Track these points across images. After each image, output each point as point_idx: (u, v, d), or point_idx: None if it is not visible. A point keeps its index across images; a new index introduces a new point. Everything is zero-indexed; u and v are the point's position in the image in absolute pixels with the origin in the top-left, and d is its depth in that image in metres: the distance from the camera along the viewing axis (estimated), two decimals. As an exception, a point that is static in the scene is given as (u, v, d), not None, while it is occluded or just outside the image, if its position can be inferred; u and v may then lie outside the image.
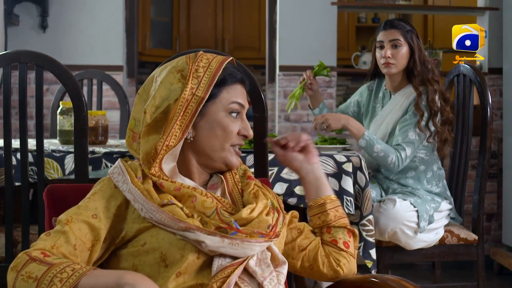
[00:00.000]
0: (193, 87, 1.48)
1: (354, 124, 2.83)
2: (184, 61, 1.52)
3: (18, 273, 1.32)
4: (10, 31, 4.40)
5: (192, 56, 1.53)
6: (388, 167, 2.84)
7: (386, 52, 2.92)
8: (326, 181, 1.73)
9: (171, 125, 1.47)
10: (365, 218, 2.52)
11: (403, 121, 2.88)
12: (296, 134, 1.72)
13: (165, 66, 1.55)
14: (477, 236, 2.91)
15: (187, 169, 1.54)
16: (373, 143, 2.80)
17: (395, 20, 3.00)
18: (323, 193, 1.70)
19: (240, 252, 1.42)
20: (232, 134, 1.53)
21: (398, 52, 2.92)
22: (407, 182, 2.93)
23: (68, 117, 2.77)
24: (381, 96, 3.09)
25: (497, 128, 4.52)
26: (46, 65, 2.33)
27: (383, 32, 2.96)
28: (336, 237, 1.67)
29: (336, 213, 1.69)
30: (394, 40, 2.92)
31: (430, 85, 2.88)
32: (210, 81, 1.49)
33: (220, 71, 1.51)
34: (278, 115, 4.63)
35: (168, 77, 1.50)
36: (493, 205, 4.66)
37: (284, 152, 1.72)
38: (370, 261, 2.53)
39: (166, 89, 1.49)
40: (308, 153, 1.72)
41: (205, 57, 1.53)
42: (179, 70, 1.50)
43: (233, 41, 7.11)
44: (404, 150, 2.82)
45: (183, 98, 1.47)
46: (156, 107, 1.48)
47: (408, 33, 2.93)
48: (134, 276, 1.29)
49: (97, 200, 1.47)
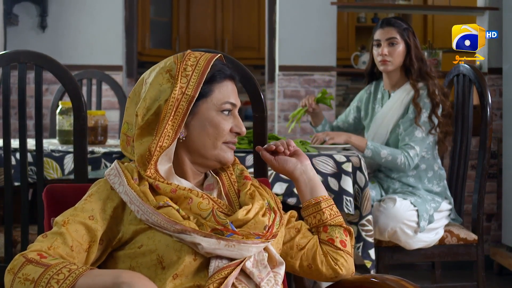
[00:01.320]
0: (183, 86, 1.48)
1: (355, 137, 2.88)
2: (172, 61, 1.52)
3: (15, 275, 1.32)
4: (10, 31, 4.40)
5: (180, 55, 1.53)
6: (399, 168, 2.87)
7: (383, 50, 2.96)
8: (319, 181, 1.73)
9: (163, 126, 1.47)
10: (364, 218, 2.52)
11: (407, 120, 2.90)
12: (283, 141, 1.72)
13: (153, 68, 1.54)
14: (477, 236, 2.91)
15: (181, 169, 1.54)
16: (378, 150, 2.84)
17: (392, 18, 3.04)
18: (317, 192, 1.70)
19: (237, 253, 1.42)
20: (224, 132, 1.53)
21: (395, 49, 2.96)
22: (408, 180, 2.94)
23: (68, 117, 2.77)
24: (379, 97, 3.10)
25: (497, 128, 4.52)
26: (46, 65, 2.33)
27: (380, 30, 3.00)
28: (333, 236, 1.66)
29: (331, 212, 1.69)
30: (390, 38, 2.96)
31: (430, 78, 2.92)
32: (199, 79, 1.49)
33: (209, 68, 1.50)
34: (277, 115, 4.63)
35: (157, 78, 1.50)
36: (493, 205, 4.66)
37: (275, 157, 1.71)
38: (369, 261, 2.53)
39: (155, 90, 1.48)
40: (299, 155, 1.72)
41: (193, 56, 1.52)
42: (168, 70, 1.50)
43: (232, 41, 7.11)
44: (412, 148, 2.85)
45: (173, 98, 1.46)
46: (147, 108, 1.48)
47: (405, 31, 2.97)
48: (131, 275, 1.29)
49: (93, 202, 1.47)
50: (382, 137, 2.97)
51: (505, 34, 4.35)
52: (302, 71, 4.60)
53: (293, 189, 2.46)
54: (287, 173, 1.72)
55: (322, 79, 4.55)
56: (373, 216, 2.75)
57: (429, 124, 2.88)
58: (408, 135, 2.88)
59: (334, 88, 4.63)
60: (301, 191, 1.72)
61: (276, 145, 1.70)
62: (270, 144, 1.71)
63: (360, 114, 3.20)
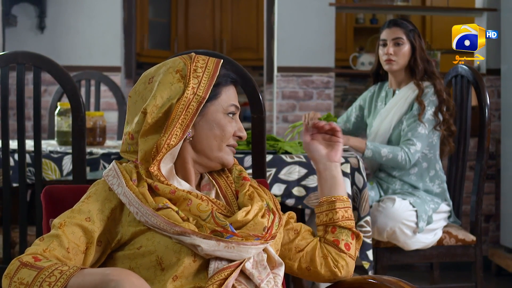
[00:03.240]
0: (194, 86, 1.49)
1: (353, 139, 2.88)
2: (180, 61, 1.53)
3: (11, 280, 1.32)
4: (8, 32, 4.40)
5: (186, 57, 1.54)
6: (401, 165, 2.89)
7: (389, 49, 3.00)
8: (342, 181, 1.73)
9: (173, 124, 1.47)
10: (363, 219, 2.52)
11: (410, 116, 2.92)
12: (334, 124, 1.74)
13: (158, 67, 1.55)
14: (475, 237, 2.91)
15: (184, 169, 1.54)
16: (378, 149, 2.85)
17: (399, 19, 3.09)
18: (336, 192, 1.71)
19: (236, 255, 1.42)
20: (229, 135, 1.55)
21: (400, 50, 2.99)
22: (410, 179, 2.95)
23: (66, 118, 2.77)
24: (383, 95, 3.13)
25: (495, 129, 4.53)
26: (44, 66, 2.33)
27: (387, 30, 3.04)
28: (339, 238, 1.67)
29: (345, 214, 1.69)
30: (396, 39, 3.00)
31: (436, 78, 2.96)
32: (210, 81, 1.51)
33: (218, 71, 1.53)
34: (276, 116, 4.63)
35: (167, 77, 1.50)
36: (491, 206, 4.66)
37: (310, 140, 1.74)
38: (367, 262, 2.53)
39: (167, 89, 1.49)
40: (333, 149, 1.73)
41: (200, 58, 1.54)
42: (178, 70, 1.51)
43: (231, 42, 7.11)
44: (413, 144, 2.87)
45: (186, 98, 1.48)
46: (158, 107, 1.48)
47: (411, 32, 3.01)
48: (119, 272, 1.28)
49: (91, 203, 1.47)
50: (385, 133, 2.99)
51: (503, 35, 4.35)
52: (301, 72, 4.60)
53: (291, 190, 2.46)
54: (313, 161, 1.75)
55: (320, 80, 4.55)
56: (372, 216, 2.75)
57: (435, 120, 2.90)
58: (411, 131, 2.89)
59: (332, 89, 4.63)
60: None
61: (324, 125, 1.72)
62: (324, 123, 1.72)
63: (363, 112, 3.21)
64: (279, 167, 2.47)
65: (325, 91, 4.61)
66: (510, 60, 4.32)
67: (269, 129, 4.70)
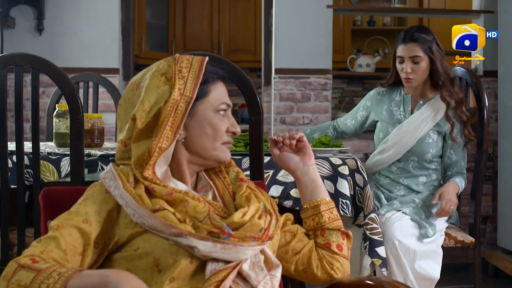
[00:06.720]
0: (180, 87, 1.49)
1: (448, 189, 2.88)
2: (165, 64, 1.53)
3: (8, 282, 1.32)
4: (6, 34, 4.40)
5: (171, 58, 1.54)
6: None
7: (407, 68, 2.92)
8: (321, 183, 1.73)
9: (162, 127, 1.47)
10: (367, 217, 2.48)
11: (457, 148, 2.96)
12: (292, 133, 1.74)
13: (144, 72, 1.55)
14: (474, 238, 2.92)
15: (179, 170, 1.54)
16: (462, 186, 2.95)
17: (415, 32, 2.95)
18: (318, 195, 1.71)
19: (233, 256, 1.42)
20: (222, 132, 1.54)
21: (419, 67, 2.93)
22: (418, 188, 2.96)
23: (64, 119, 2.77)
24: (398, 100, 3.06)
25: (492, 131, 4.53)
26: (42, 68, 2.33)
27: (403, 46, 2.94)
28: (330, 240, 1.67)
29: (330, 215, 1.69)
30: (414, 57, 2.92)
31: (456, 95, 2.93)
32: (196, 80, 1.50)
33: (203, 69, 1.52)
34: (273, 118, 4.63)
35: (153, 81, 1.50)
36: (489, 207, 4.66)
37: (280, 153, 1.73)
38: (378, 259, 2.43)
39: (154, 93, 1.49)
40: (305, 154, 1.73)
41: (185, 58, 1.53)
42: (163, 73, 1.50)
43: (229, 44, 7.11)
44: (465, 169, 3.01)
45: (173, 99, 1.47)
46: (147, 111, 1.48)
47: (428, 43, 2.91)
48: (118, 273, 1.29)
49: (88, 205, 1.47)
50: (408, 142, 2.95)
51: (500, 37, 4.36)
52: (298, 74, 4.61)
53: (289, 192, 2.46)
54: (289, 171, 1.74)
55: (318, 82, 4.55)
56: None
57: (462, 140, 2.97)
58: (464, 160, 2.99)
59: (330, 91, 4.64)
60: (302, 192, 1.72)
61: (283, 137, 1.71)
62: (278, 136, 1.72)
63: (369, 114, 3.15)
64: (276, 169, 2.47)
65: (322, 93, 4.62)
66: (507, 62, 4.33)
67: (266, 131, 4.70)
